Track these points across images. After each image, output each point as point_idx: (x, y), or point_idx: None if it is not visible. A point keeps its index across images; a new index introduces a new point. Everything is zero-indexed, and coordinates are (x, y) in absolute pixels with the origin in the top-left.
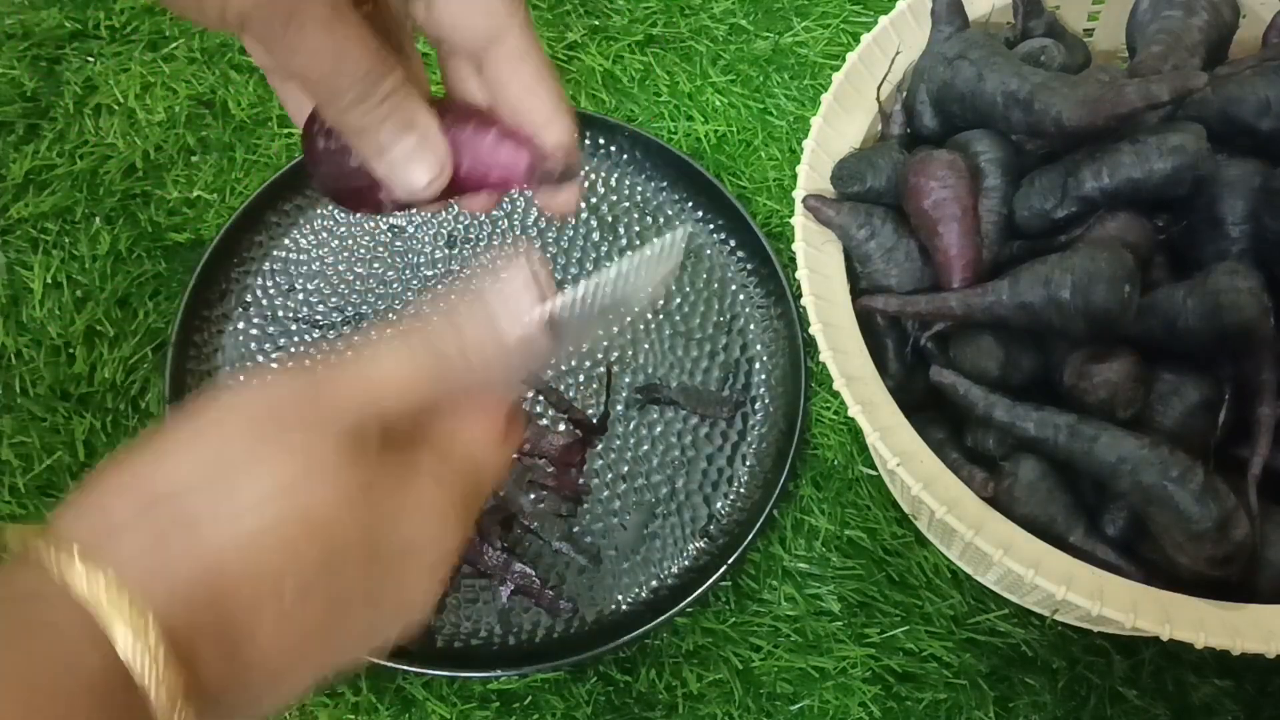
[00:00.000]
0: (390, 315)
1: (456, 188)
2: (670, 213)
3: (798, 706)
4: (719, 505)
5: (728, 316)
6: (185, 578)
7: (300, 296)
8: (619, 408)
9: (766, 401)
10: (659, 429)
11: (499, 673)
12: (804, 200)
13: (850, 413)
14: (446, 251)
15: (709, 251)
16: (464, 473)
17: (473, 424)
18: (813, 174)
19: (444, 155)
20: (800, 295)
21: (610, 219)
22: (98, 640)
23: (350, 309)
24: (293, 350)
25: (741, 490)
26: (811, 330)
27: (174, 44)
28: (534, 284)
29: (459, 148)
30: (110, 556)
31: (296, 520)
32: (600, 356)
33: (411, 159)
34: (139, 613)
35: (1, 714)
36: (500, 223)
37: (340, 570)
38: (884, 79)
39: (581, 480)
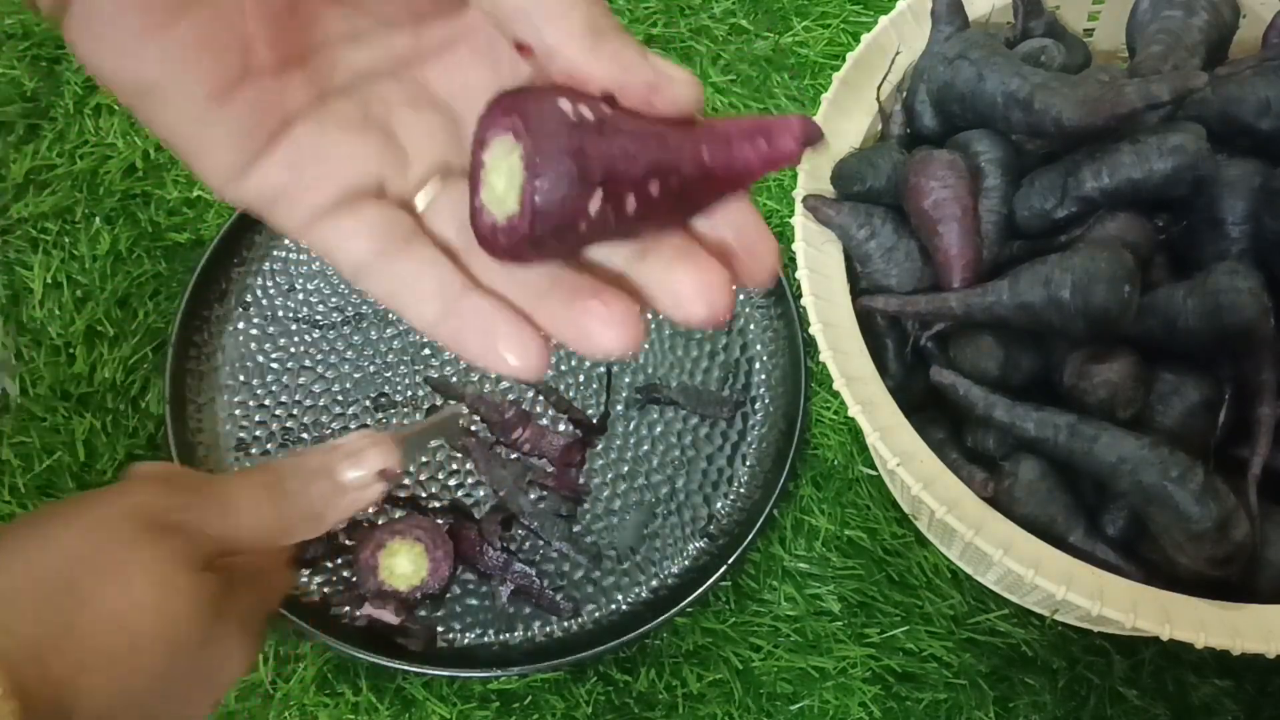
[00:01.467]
0: (390, 315)
1: None
2: None
3: (798, 706)
4: (719, 505)
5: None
6: (46, 658)
7: (300, 296)
8: (619, 408)
9: (766, 401)
10: (659, 429)
11: (499, 673)
12: (804, 200)
13: (850, 413)
14: None
15: None
16: (262, 615)
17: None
18: (813, 174)
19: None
20: (800, 295)
21: None
22: None
23: (350, 309)
24: (292, 350)
25: (741, 490)
26: (811, 330)
27: None
28: (381, 476)
29: None
30: None
31: (152, 627)
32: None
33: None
34: (4, 680)
35: None
36: None
37: (171, 680)
38: (884, 79)
39: (581, 480)
